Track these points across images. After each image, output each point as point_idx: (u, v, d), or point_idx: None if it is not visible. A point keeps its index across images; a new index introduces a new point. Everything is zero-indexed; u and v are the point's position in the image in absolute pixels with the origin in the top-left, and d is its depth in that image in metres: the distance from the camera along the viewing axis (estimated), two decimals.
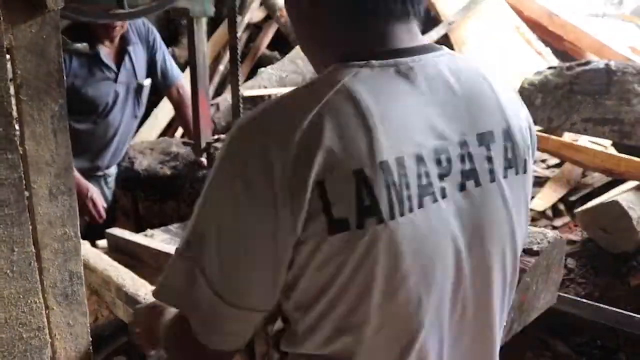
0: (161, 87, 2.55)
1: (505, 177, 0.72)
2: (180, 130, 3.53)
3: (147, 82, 2.42)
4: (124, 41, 2.25)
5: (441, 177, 0.66)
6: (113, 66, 2.23)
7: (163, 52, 2.45)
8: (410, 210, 0.63)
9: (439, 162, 0.66)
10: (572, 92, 2.67)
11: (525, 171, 0.75)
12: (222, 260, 0.65)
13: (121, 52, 2.26)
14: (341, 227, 0.61)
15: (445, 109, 0.68)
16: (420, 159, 0.64)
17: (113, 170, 2.55)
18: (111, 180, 2.56)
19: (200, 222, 0.67)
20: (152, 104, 3.60)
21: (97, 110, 2.25)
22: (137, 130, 3.47)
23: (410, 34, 0.71)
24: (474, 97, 0.70)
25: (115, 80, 2.25)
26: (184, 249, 0.69)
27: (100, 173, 2.43)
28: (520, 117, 0.76)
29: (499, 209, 0.71)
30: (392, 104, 0.64)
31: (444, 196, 0.66)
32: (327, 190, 0.60)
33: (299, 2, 0.72)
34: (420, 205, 0.64)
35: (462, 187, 0.68)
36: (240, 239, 0.63)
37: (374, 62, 0.66)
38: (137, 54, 2.32)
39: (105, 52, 2.20)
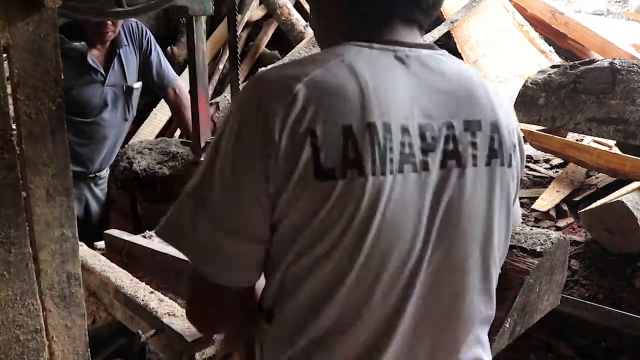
0: (157, 90, 2.54)
1: (488, 164, 0.77)
2: (179, 130, 3.52)
3: (138, 85, 2.40)
4: (115, 44, 2.24)
5: (424, 151, 0.73)
6: (101, 69, 2.22)
7: (158, 54, 2.43)
8: (391, 172, 0.71)
9: (423, 137, 0.73)
10: (576, 91, 2.65)
11: (510, 165, 0.80)
12: (223, 197, 0.72)
13: (111, 55, 2.25)
14: (327, 176, 0.68)
15: (435, 93, 0.75)
16: (405, 130, 0.72)
17: (105, 173, 2.53)
18: (103, 182, 2.53)
19: (208, 165, 0.74)
20: (151, 103, 3.60)
21: (84, 112, 2.24)
22: (135, 130, 3.47)
23: (412, 35, 0.80)
24: (465, 91, 0.78)
25: (104, 83, 2.24)
26: (192, 188, 0.75)
27: (91, 175, 2.42)
28: (510, 124, 0.82)
29: (476, 193, 0.77)
30: (386, 80, 0.73)
31: (425, 169, 0.73)
32: (318, 141, 0.68)
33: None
34: (400, 170, 0.71)
35: (443, 165, 0.74)
36: (238, 178, 0.71)
37: (375, 44, 0.75)
38: (128, 56, 2.30)
39: (94, 54, 2.20)
